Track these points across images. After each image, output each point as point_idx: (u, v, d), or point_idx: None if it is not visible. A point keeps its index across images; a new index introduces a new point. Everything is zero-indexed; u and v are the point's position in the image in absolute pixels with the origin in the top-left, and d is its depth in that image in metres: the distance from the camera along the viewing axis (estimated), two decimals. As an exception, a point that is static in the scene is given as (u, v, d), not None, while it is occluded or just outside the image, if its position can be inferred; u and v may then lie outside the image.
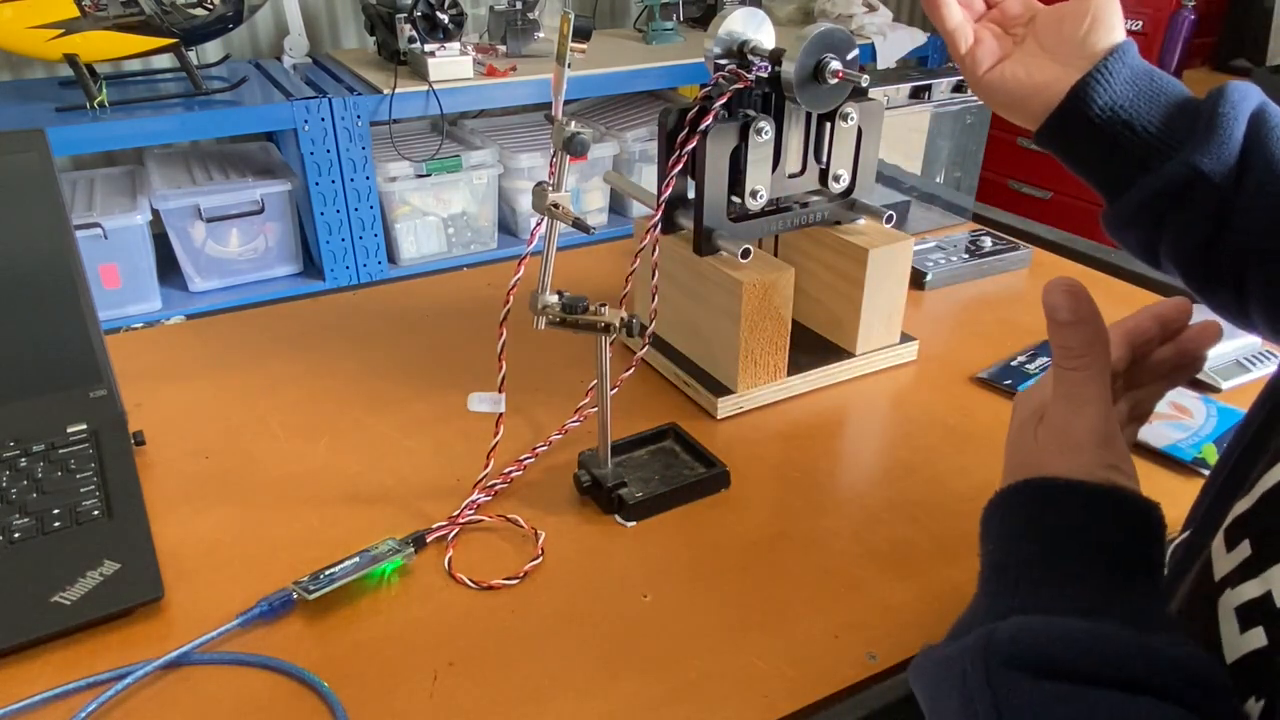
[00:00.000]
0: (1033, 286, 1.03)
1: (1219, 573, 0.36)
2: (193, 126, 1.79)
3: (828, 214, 0.82)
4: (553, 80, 0.58)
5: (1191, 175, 0.52)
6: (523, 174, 2.09)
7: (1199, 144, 0.52)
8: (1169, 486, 0.69)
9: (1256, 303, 0.54)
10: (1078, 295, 0.43)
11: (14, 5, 1.62)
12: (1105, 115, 0.55)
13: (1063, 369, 0.43)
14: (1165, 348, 0.52)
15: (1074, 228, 1.19)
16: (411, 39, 1.91)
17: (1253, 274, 0.53)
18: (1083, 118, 0.56)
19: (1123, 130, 0.55)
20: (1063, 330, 0.43)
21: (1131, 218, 0.56)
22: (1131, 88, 0.55)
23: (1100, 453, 0.41)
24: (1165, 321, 0.52)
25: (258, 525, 0.66)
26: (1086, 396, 0.43)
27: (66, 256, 0.73)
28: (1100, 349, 0.43)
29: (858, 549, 0.63)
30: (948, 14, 0.60)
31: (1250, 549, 0.35)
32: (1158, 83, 0.56)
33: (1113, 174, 0.57)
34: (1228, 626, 0.34)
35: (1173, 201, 0.54)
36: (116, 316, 1.76)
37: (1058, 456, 0.42)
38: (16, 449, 0.68)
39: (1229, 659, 0.33)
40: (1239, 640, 0.33)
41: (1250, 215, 0.52)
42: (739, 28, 0.74)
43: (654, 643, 0.56)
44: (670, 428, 0.74)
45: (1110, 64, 0.55)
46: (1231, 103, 0.52)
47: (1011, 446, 0.47)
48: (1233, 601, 0.34)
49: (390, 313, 0.97)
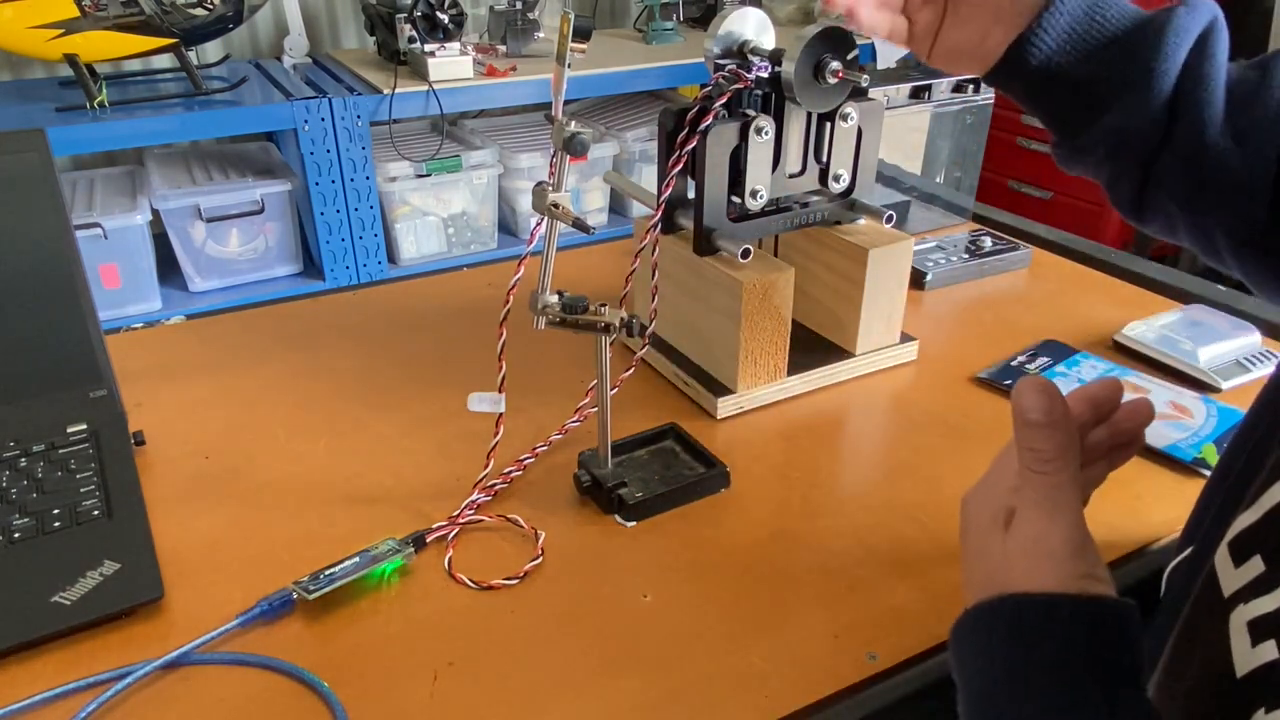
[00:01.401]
0: (1033, 286, 1.03)
1: (1228, 588, 0.36)
2: (193, 126, 1.79)
3: (828, 214, 0.82)
4: (553, 80, 0.58)
5: (1116, 137, 0.53)
6: (523, 174, 2.09)
7: (1126, 104, 0.52)
8: (1169, 486, 0.69)
9: (1186, 239, 0.56)
10: (1051, 395, 0.42)
11: (14, 5, 1.62)
12: (1041, 72, 0.55)
13: (1033, 473, 0.42)
14: (1099, 429, 0.51)
15: (1074, 228, 1.19)
16: (411, 39, 1.91)
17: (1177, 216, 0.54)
18: (1020, 73, 0.56)
19: (1059, 85, 0.55)
20: (1035, 432, 0.42)
21: (1070, 163, 0.57)
22: (1068, 39, 0.54)
23: (1077, 563, 0.40)
24: (1097, 403, 0.51)
25: (258, 525, 0.65)
26: (1059, 503, 0.41)
27: (66, 256, 0.73)
28: (1072, 453, 0.42)
29: (858, 549, 0.63)
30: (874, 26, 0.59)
31: (1263, 564, 0.34)
32: (1098, 23, 0.54)
33: (1053, 119, 0.57)
34: (1239, 641, 0.34)
35: (1104, 155, 0.54)
36: (116, 316, 1.76)
37: (1033, 569, 0.41)
38: (16, 449, 0.68)
39: (1239, 673, 0.33)
40: (1250, 654, 0.33)
41: (1171, 173, 0.52)
42: (739, 28, 0.74)
43: (654, 643, 0.56)
44: (670, 428, 0.74)
45: (1044, 20, 0.54)
46: (1166, 49, 0.51)
47: (975, 554, 0.45)
48: (1245, 616, 0.34)
49: (390, 313, 0.97)
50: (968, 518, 0.46)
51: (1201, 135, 0.51)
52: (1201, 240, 0.55)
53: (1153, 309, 0.94)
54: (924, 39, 0.61)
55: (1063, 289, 1.02)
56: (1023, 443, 0.43)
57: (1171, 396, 0.79)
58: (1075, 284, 1.03)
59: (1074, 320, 0.94)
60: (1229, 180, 0.51)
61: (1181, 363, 0.83)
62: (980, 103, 1.13)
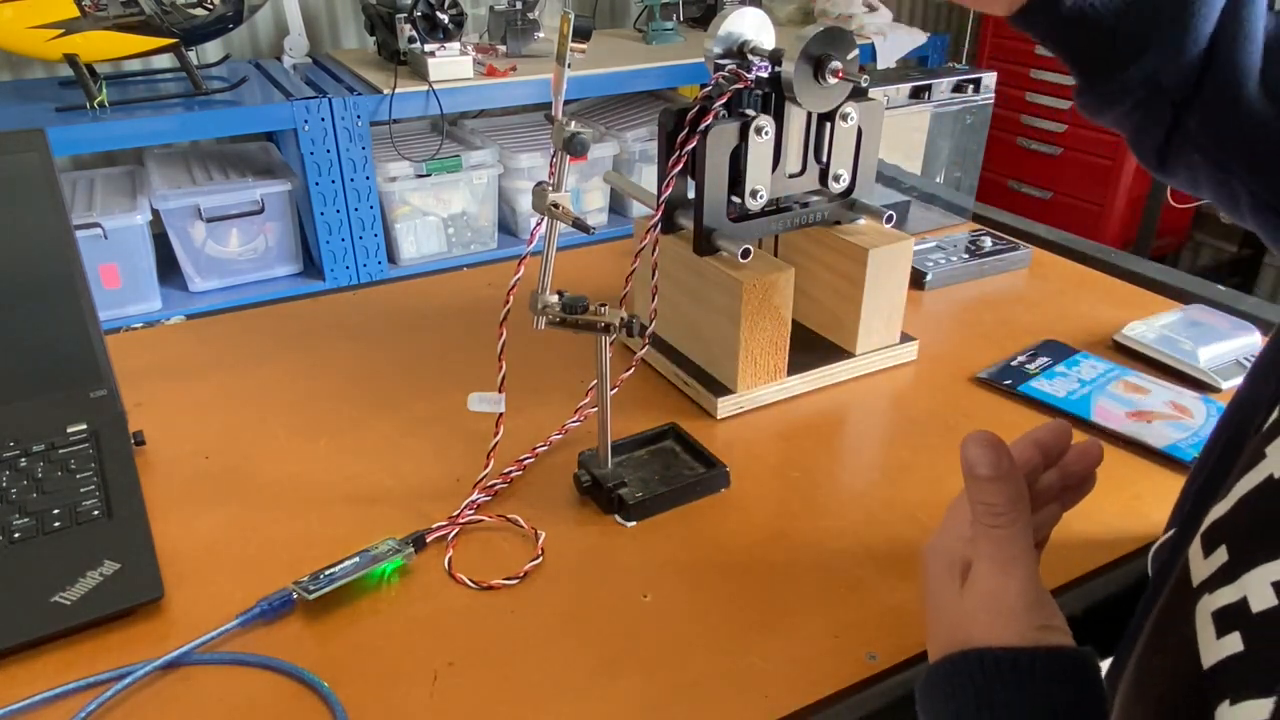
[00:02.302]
0: (1033, 286, 1.03)
1: (1196, 578, 0.36)
2: (193, 126, 1.79)
3: (828, 214, 0.82)
4: (553, 80, 0.58)
5: (1149, 83, 0.52)
6: (523, 174, 2.09)
7: (1160, 48, 0.51)
8: (1169, 486, 0.69)
9: (1208, 193, 0.55)
10: (997, 449, 0.42)
11: (14, 5, 1.62)
12: (1073, 13, 0.53)
13: (986, 527, 0.43)
14: (1050, 473, 0.51)
15: (1074, 228, 1.19)
16: (411, 39, 1.91)
17: (1200, 168, 0.53)
18: (1050, 14, 0.54)
19: (1092, 27, 0.53)
20: (984, 487, 0.42)
21: (1096, 110, 0.56)
22: None
23: (1033, 615, 0.41)
24: (1045, 448, 0.51)
25: (258, 525, 0.66)
26: (1013, 556, 0.42)
27: (66, 256, 0.73)
28: (1023, 505, 0.42)
29: (858, 549, 0.63)
30: None
31: (1227, 554, 0.35)
32: None
33: (1080, 64, 0.56)
34: (1205, 632, 0.34)
35: (1133, 103, 0.53)
36: (116, 316, 1.76)
37: (991, 623, 0.41)
38: (16, 449, 0.68)
39: (1205, 664, 0.33)
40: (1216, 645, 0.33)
41: (1201, 124, 0.52)
42: (739, 28, 0.74)
43: (654, 643, 0.56)
44: (670, 428, 0.74)
45: None
46: None
47: (933, 607, 0.46)
48: (1210, 607, 0.34)
49: (390, 313, 0.97)
50: (927, 569, 0.48)
51: (1237, 86, 0.50)
52: (1224, 196, 0.54)
53: (1153, 309, 0.94)
54: None
55: (1063, 289, 1.02)
56: (974, 497, 0.43)
57: (1171, 396, 0.79)
58: (1075, 284, 1.03)
59: (1074, 320, 0.94)
60: (1260, 137, 0.50)
61: (1181, 363, 0.83)
62: (980, 103, 1.13)
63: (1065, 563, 0.61)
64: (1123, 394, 0.79)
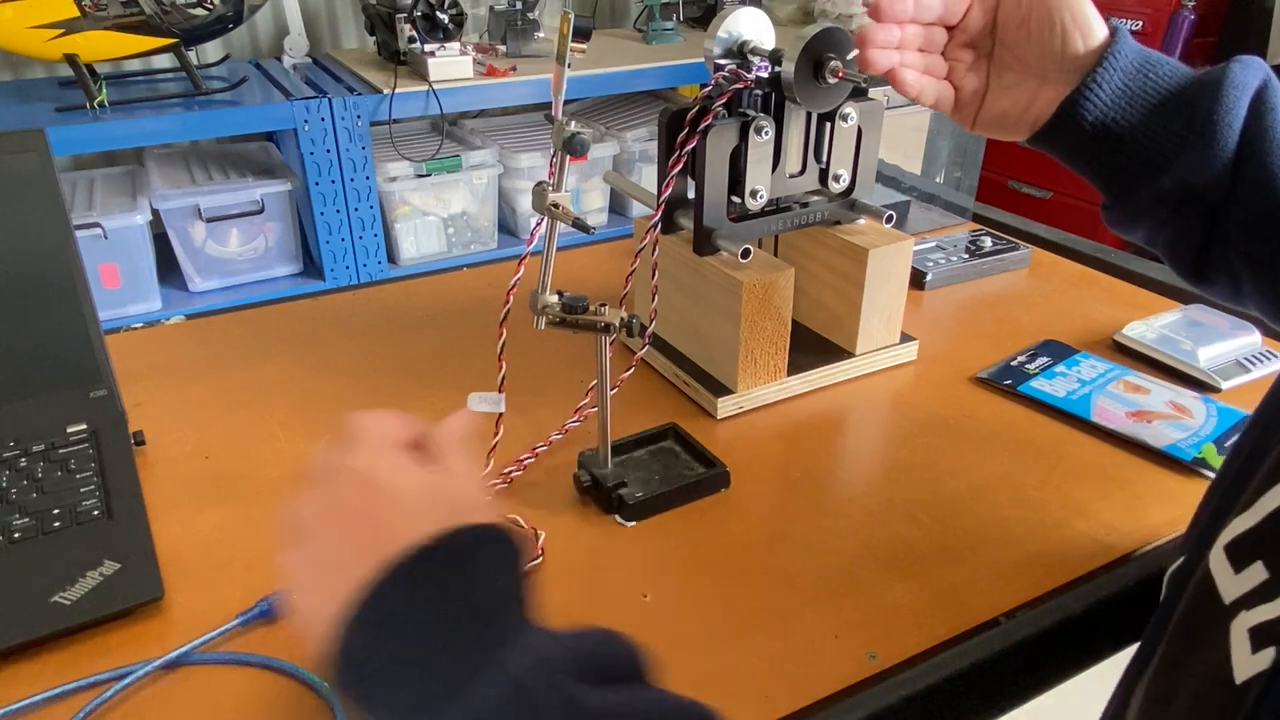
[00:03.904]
0: (1033, 287, 1.03)
1: (1229, 595, 0.36)
2: (193, 126, 1.79)
3: (828, 214, 0.82)
4: (553, 80, 0.58)
5: (1182, 191, 0.51)
6: (523, 174, 2.09)
7: (1190, 157, 0.51)
8: (1169, 487, 0.69)
9: (1249, 298, 0.54)
10: None
11: (14, 5, 1.62)
12: (1096, 129, 0.53)
13: None
14: None
15: (1074, 228, 1.19)
16: (411, 39, 1.91)
17: (1244, 274, 0.53)
18: (1072, 132, 0.54)
19: (1114, 142, 0.53)
20: None
21: (1128, 224, 0.56)
22: (1122, 95, 0.53)
23: None
24: None
25: (258, 525, 0.65)
26: None
27: (66, 256, 0.73)
28: None
29: (858, 549, 0.63)
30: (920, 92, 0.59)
31: (1266, 571, 0.34)
32: (1152, 79, 0.53)
33: (1107, 179, 0.56)
34: (1239, 648, 0.34)
35: (1167, 213, 0.53)
36: (116, 316, 1.76)
37: None
38: (16, 449, 0.68)
39: (1238, 679, 0.33)
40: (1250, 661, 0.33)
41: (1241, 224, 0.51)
42: (739, 28, 0.74)
43: (654, 643, 0.56)
44: (670, 428, 0.74)
45: (1098, 75, 0.53)
46: (1228, 102, 0.50)
47: None
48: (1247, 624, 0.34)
49: (390, 313, 0.97)
50: None
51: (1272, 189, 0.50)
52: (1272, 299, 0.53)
53: (1153, 309, 0.94)
54: (969, 106, 0.60)
55: (1063, 289, 1.02)
56: None
57: (1171, 396, 0.79)
58: (1075, 284, 1.03)
59: (1074, 320, 0.94)
60: None
61: (1181, 363, 0.83)
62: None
63: (1065, 562, 0.61)
64: (1123, 394, 0.79)
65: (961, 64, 0.60)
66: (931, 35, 0.60)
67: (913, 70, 0.58)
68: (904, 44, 0.59)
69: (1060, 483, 0.69)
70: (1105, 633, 0.59)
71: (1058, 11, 0.54)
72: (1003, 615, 0.57)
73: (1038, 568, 0.61)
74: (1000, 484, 0.69)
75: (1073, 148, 0.56)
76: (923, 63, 0.59)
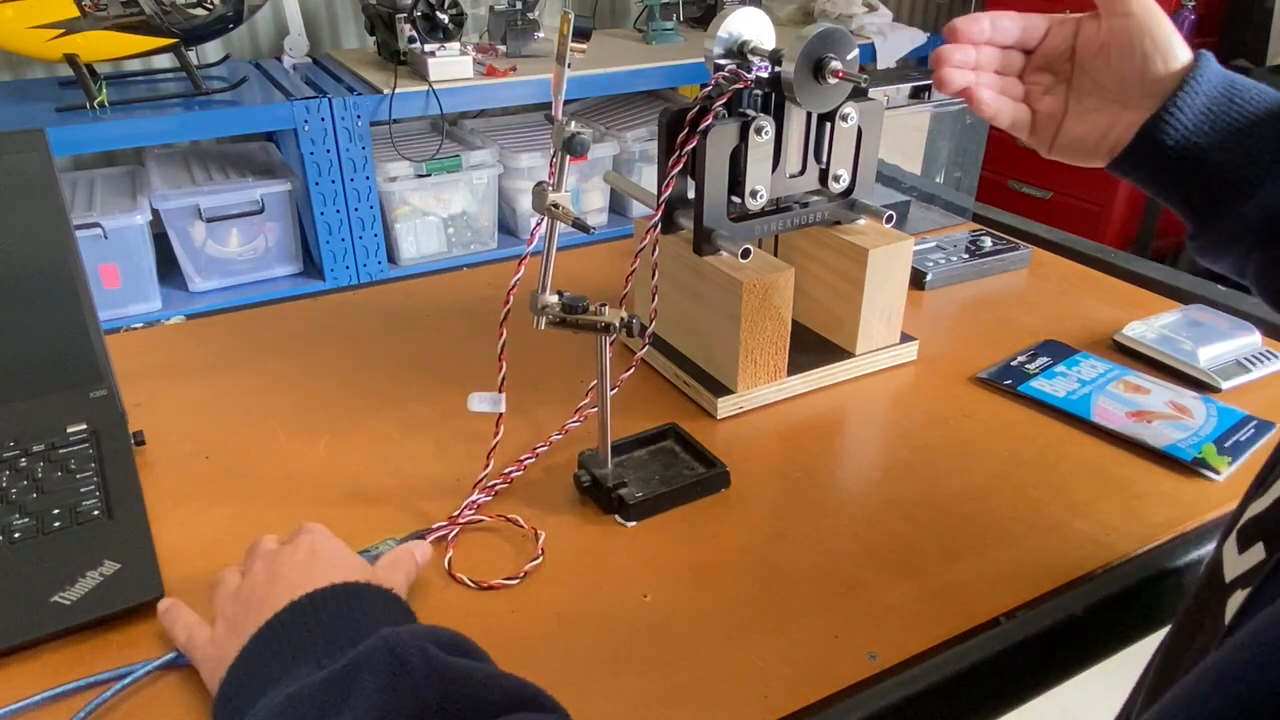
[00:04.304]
0: (1033, 286, 1.03)
1: (1230, 574, 0.36)
2: (193, 126, 1.79)
3: (828, 214, 0.82)
4: (553, 80, 0.58)
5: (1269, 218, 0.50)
6: (523, 174, 2.09)
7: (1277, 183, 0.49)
8: (1169, 487, 0.69)
9: None
10: None
11: (14, 5, 1.62)
12: (1178, 152, 0.52)
13: None
14: None
15: (1074, 228, 1.19)
16: (411, 39, 1.91)
17: None
18: (1154, 156, 0.53)
19: (1197, 167, 0.52)
20: None
21: (1214, 254, 0.54)
22: (1206, 118, 0.51)
23: None
24: None
25: (258, 525, 0.65)
26: None
27: (66, 256, 0.73)
28: None
29: (858, 549, 0.63)
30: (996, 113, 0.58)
31: (1264, 551, 0.34)
32: (1237, 103, 0.51)
33: (1191, 206, 0.54)
34: None
35: (1254, 242, 0.52)
36: (116, 316, 1.76)
37: None
38: (16, 449, 0.68)
39: None
40: None
41: None
42: (739, 28, 0.74)
43: (654, 643, 0.56)
44: (670, 428, 0.74)
45: (1181, 98, 0.51)
46: None
47: None
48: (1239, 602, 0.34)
49: (390, 313, 0.97)
50: None
51: None
52: None
53: (1153, 309, 0.94)
54: (1046, 129, 0.59)
55: (1063, 289, 1.02)
56: None
57: (1171, 396, 0.79)
58: (1075, 284, 1.03)
59: (1074, 320, 0.94)
60: None
61: (1181, 363, 0.83)
62: (980, 103, 1.12)
63: (1065, 562, 0.61)
64: (1123, 394, 0.79)
65: (1038, 87, 0.59)
66: (1008, 58, 0.59)
67: (989, 90, 0.58)
68: (980, 65, 0.58)
69: (1060, 483, 0.69)
70: (1105, 633, 0.59)
71: (1138, 36, 0.53)
72: (1003, 615, 0.57)
73: (1038, 568, 0.61)
74: (1000, 484, 0.69)
75: (1154, 173, 0.54)
76: (998, 84, 0.59)
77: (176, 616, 0.54)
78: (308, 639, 0.45)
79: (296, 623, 0.46)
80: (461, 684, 0.40)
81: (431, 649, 0.41)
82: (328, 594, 0.48)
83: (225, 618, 0.51)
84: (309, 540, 0.54)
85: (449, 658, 0.41)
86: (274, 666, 0.45)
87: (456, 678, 0.40)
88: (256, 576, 0.52)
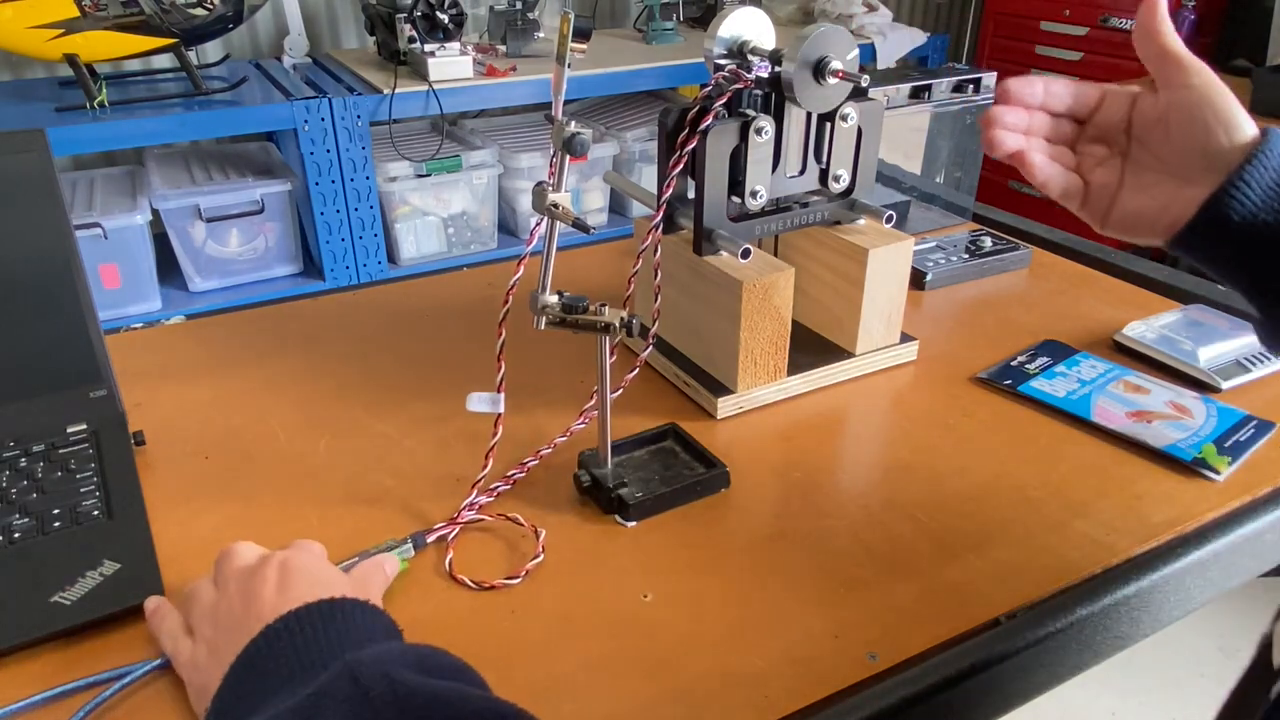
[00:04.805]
0: (1033, 286, 1.03)
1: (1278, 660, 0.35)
2: (193, 126, 1.79)
3: (828, 214, 0.82)
4: (553, 80, 0.58)
5: None
6: (523, 174, 2.09)
7: None
8: (1169, 487, 0.69)
9: None
10: None
11: (14, 5, 1.62)
12: (1245, 231, 0.49)
13: None
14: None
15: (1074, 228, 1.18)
16: (411, 39, 1.91)
17: None
18: (1218, 233, 0.50)
19: (1265, 247, 0.49)
20: None
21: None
22: (1274, 195, 0.48)
23: None
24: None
25: (258, 525, 0.65)
26: None
27: (66, 257, 0.73)
28: None
29: (858, 549, 0.63)
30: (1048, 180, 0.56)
31: None
32: None
33: (1258, 289, 0.51)
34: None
35: None
36: (116, 316, 1.76)
37: None
38: (16, 449, 0.68)
39: None
40: None
41: None
42: (739, 28, 0.74)
43: (654, 643, 0.56)
44: (670, 428, 0.74)
45: (1248, 173, 0.48)
46: None
47: None
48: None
49: (390, 313, 0.97)
50: None
51: None
52: None
53: (1153, 309, 0.94)
54: (1100, 202, 0.56)
55: (1063, 289, 1.02)
56: None
57: (1171, 396, 0.79)
58: (1075, 284, 1.03)
59: (1074, 320, 0.94)
60: None
61: (1181, 363, 0.83)
62: (980, 103, 1.13)
63: (1065, 562, 0.61)
64: (1123, 394, 0.79)
65: (1091, 159, 0.56)
66: (1059, 126, 0.57)
67: (1041, 154, 0.56)
68: (1031, 130, 0.56)
69: (1060, 483, 0.69)
70: (1105, 633, 0.60)
71: (1199, 108, 0.51)
72: (1003, 615, 0.57)
73: (1038, 568, 0.61)
74: (1000, 484, 0.69)
75: (1219, 252, 0.51)
76: (1050, 151, 0.57)
77: (162, 621, 0.54)
78: (283, 665, 0.45)
79: (273, 648, 0.46)
80: (427, 708, 0.39)
81: (399, 672, 0.40)
82: (302, 615, 0.47)
83: (204, 640, 0.51)
84: (280, 557, 0.53)
85: (418, 679, 0.40)
86: (255, 694, 0.45)
87: (424, 702, 0.39)
88: (232, 599, 0.51)
